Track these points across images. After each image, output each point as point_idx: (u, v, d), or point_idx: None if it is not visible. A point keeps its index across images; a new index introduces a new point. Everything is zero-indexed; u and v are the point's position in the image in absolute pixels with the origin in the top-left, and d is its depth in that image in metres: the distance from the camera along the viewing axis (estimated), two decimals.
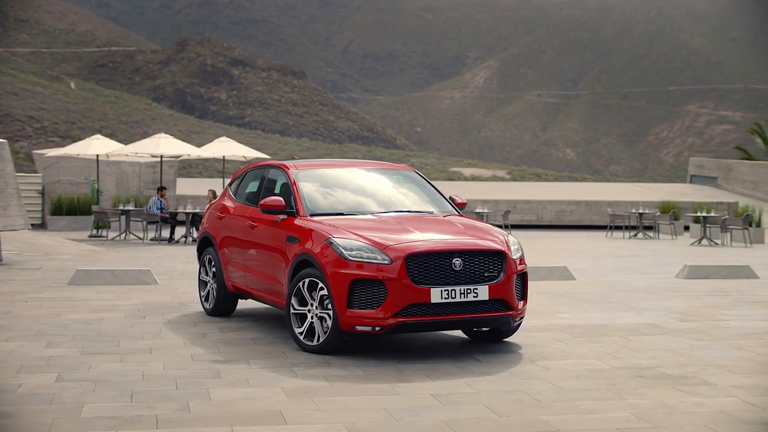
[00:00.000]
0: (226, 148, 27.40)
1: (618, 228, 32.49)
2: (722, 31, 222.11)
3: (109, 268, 15.10)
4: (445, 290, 8.64)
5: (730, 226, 26.70)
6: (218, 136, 28.75)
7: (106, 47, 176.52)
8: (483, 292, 8.81)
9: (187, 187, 39.00)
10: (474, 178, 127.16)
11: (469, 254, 8.85)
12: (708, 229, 27.44)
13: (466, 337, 10.09)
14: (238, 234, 10.75)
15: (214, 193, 25.87)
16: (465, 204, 10.81)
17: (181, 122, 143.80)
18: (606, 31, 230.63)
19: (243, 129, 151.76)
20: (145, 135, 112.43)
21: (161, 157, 27.12)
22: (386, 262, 8.59)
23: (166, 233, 25.85)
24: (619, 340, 9.99)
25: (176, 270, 17.28)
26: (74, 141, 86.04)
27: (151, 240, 25.29)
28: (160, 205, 25.46)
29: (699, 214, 27.73)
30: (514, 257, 9.19)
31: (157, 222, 24.98)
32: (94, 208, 26.60)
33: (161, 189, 25.92)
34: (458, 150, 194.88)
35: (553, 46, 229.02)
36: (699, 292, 14.55)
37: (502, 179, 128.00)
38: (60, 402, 7.03)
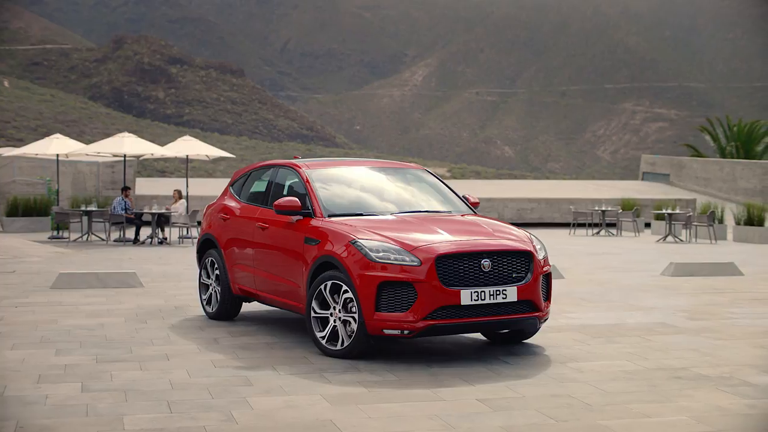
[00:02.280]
0: (190, 147, 26.94)
1: (581, 225, 32.56)
2: (657, 30, 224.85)
3: (92, 271, 14.69)
4: (474, 292, 8.45)
5: (696, 223, 26.90)
6: (156, 135, 28.23)
7: (40, 45, 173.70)
8: (512, 294, 8.64)
9: (145, 187, 38.27)
10: None
11: (497, 255, 8.68)
12: (672, 225, 27.60)
13: (485, 338, 9.90)
14: (247, 235, 10.44)
15: (179, 193, 25.47)
16: (478, 203, 10.65)
17: (118, 121, 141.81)
18: (543, 30, 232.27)
19: (181, 128, 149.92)
20: (82, 134, 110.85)
21: (124, 156, 26.60)
22: (415, 263, 8.38)
23: (130, 234, 25.33)
24: (639, 340, 9.87)
25: (155, 272, 16.88)
26: (8, 141, 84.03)
27: (114, 241, 24.76)
28: (125, 205, 24.93)
29: (664, 211, 27.90)
30: (539, 257, 9.03)
31: (122, 223, 24.45)
32: (54, 209, 26.00)
33: (125, 189, 25.39)
34: (397, 148, 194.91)
35: (491, 44, 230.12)
36: (693, 289, 14.54)
37: (443, 177, 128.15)
38: (97, 414, 6.72)
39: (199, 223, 24.55)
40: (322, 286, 8.83)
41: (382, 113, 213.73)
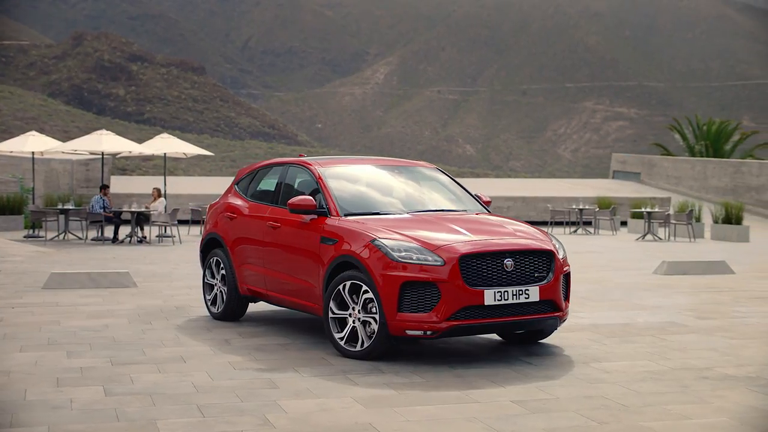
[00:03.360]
0: (168, 144, 26.63)
1: (557, 224, 32.60)
2: (617, 30, 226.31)
3: (84, 271, 14.43)
4: (498, 292, 8.35)
5: (675, 222, 27.01)
6: (117, 133, 27.76)
7: None
8: (534, 293, 8.55)
9: (118, 185, 37.63)
10: None
11: (519, 254, 8.58)
12: (651, 224, 27.69)
13: (500, 338, 9.80)
14: (256, 235, 10.25)
15: (159, 191, 25.16)
16: (490, 202, 10.56)
17: (78, 118, 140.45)
18: (504, 29, 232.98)
19: (142, 125, 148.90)
20: (41, 132, 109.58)
21: (102, 154, 26.24)
22: (438, 263, 8.26)
23: (108, 233, 24.98)
24: (654, 339, 9.82)
25: (144, 271, 16.61)
26: None
27: (92, 240, 24.40)
28: (103, 204, 24.57)
29: (643, 209, 28.00)
30: (560, 257, 8.95)
31: (101, 221, 24.09)
32: (30, 207, 25.59)
33: (104, 187, 25.02)
34: (359, 146, 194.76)
35: (453, 42, 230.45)
36: (690, 288, 14.55)
37: None
38: (128, 418, 6.56)
39: (180, 221, 24.39)
40: (341, 287, 8.69)
41: (344, 111, 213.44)
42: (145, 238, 24.54)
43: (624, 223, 33.72)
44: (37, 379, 7.79)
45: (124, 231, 25.43)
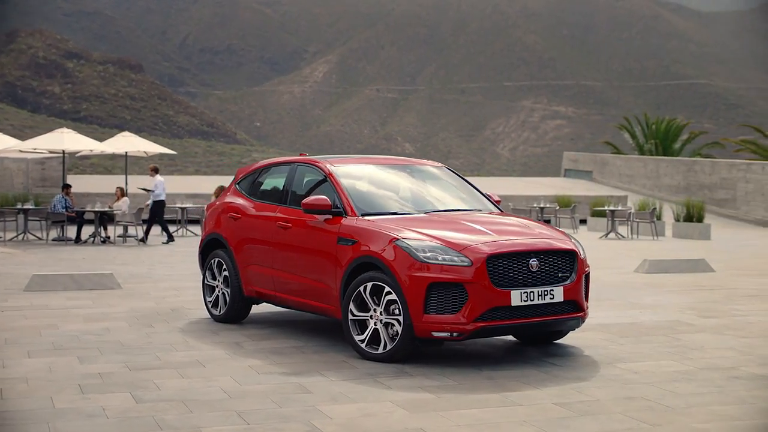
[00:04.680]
0: (129, 143, 26.20)
1: None
2: (554, 29, 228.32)
3: (66, 273, 14.08)
4: (524, 292, 8.25)
5: (638, 220, 27.20)
6: (52, 130, 27.16)
7: None
8: (558, 294, 8.46)
9: (75, 184, 36.87)
10: None
11: (544, 254, 8.49)
12: (614, 222, 27.86)
13: (514, 339, 9.70)
14: (264, 235, 10.02)
15: (122, 190, 24.72)
16: (500, 201, 10.45)
17: (12, 116, 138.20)
18: (443, 28, 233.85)
19: (79, 123, 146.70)
20: None
21: (63, 153, 25.72)
22: (466, 263, 8.12)
23: (71, 233, 24.47)
24: (668, 339, 9.79)
25: (122, 273, 16.20)
26: None
27: (53, 240, 23.91)
28: (65, 203, 24.07)
29: (606, 208, 28.16)
30: (582, 257, 8.88)
31: (63, 221, 23.60)
32: None
33: (66, 187, 24.50)
34: (298, 144, 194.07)
35: (392, 41, 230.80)
36: (679, 286, 14.60)
37: None
38: (171, 426, 6.34)
39: (145, 221, 23.99)
40: (361, 288, 8.52)
41: (283, 110, 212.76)
42: (109, 237, 24.09)
43: (583, 221, 33.89)
44: (58, 386, 7.52)
45: (87, 231, 24.91)
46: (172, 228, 26.62)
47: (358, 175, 9.83)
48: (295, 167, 10.20)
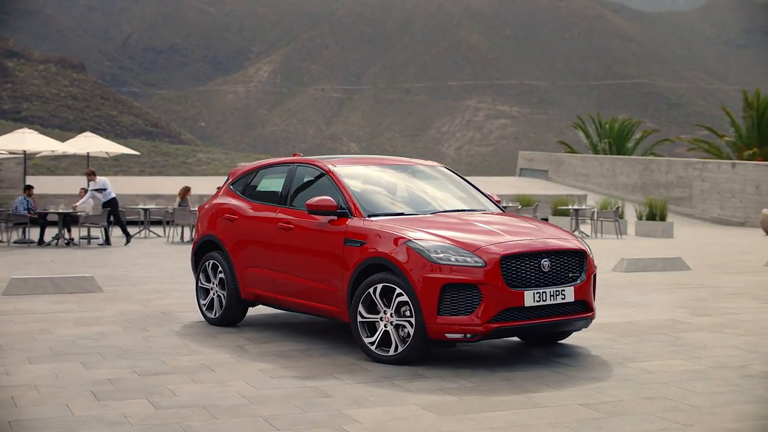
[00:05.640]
0: (91, 143, 25.81)
1: None
2: (498, 29, 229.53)
3: (46, 276, 13.81)
4: (537, 293, 8.22)
5: (602, 219, 27.38)
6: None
7: None
8: (569, 294, 8.45)
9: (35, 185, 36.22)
10: None
11: (555, 254, 8.47)
12: (578, 221, 28.00)
13: (517, 339, 9.66)
14: (264, 237, 9.87)
15: (86, 191, 24.31)
16: (500, 201, 10.42)
17: None
18: (388, 27, 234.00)
19: (20, 124, 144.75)
20: None
21: (24, 153, 25.26)
22: (479, 264, 8.07)
23: (34, 235, 24.00)
24: (670, 338, 9.82)
25: (98, 275, 15.79)
26: None
27: (15, 243, 23.46)
28: (27, 205, 23.64)
29: (570, 206, 28.30)
30: (591, 257, 8.88)
31: (26, 223, 23.16)
32: None
33: (28, 188, 24.05)
34: (243, 144, 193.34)
35: (336, 41, 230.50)
36: (663, 285, 14.69)
37: None
38: None
39: (111, 222, 23.63)
40: (371, 290, 8.43)
41: (227, 110, 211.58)
42: (73, 240, 23.69)
43: (545, 220, 33.94)
44: (70, 392, 7.34)
45: (50, 233, 24.44)
46: (134, 230, 26.29)
47: (360, 175, 9.74)
48: (294, 168, 10.07)
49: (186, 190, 25.42)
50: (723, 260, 19.70)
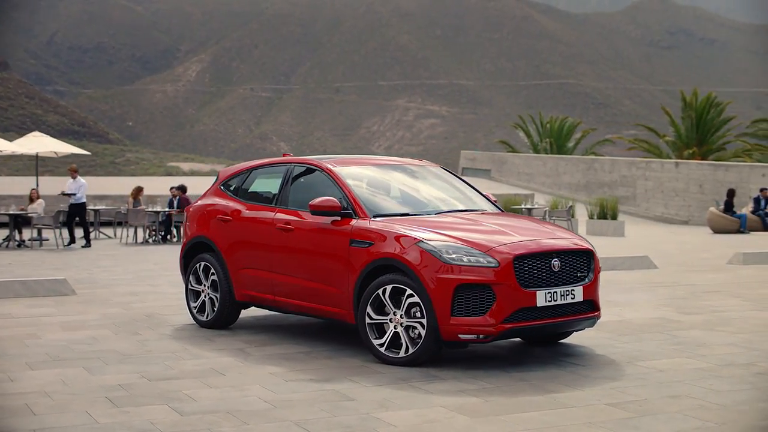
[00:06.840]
0: (40, 143, 25.31)
1: None
2: (428, 29, 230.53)
3: (18, 279, 13.47)
4: (548, 293, 8.20)
5: (555, 218, 27.54)
6: None
7: None
8: (578, 293, 8.45)
9: None
10: (193, 173, 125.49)
11: (565, 254, 8.46)
12: None
13: (519, 339, 9.64)
14: (261, 238, 9.69)
15: (37, 192, 23.83)
16: (497, 201, 10.40)
17: None
18: (317, 27, 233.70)
19: None
20: None
21: None
22: (493, 264, 8.02)
23: None
24: (668, 336, 9.86)
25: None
26: None
27: None
28: None
29: (523, 206, 28.42)
30: (597, 256, 8.90)
31: None
32: None
33: None
34: (171, 144, 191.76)
35: (266, 40, 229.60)
36: (639, 283, 14.82)
37: None
38: None
39: (63, 223, 23.19)
40: (380, 291, 8.33)
41: (155, 109, 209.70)
42: (24, 241, 23.21)
43: None
44: (85, 399, 7.14)
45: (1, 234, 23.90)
46: (80, 232, 25.81)
47: (361, 175, 9.63)
48: (291, 168, 9.91)
49: (138, 191, 25.07)
50: (684, 259, 19.93)
